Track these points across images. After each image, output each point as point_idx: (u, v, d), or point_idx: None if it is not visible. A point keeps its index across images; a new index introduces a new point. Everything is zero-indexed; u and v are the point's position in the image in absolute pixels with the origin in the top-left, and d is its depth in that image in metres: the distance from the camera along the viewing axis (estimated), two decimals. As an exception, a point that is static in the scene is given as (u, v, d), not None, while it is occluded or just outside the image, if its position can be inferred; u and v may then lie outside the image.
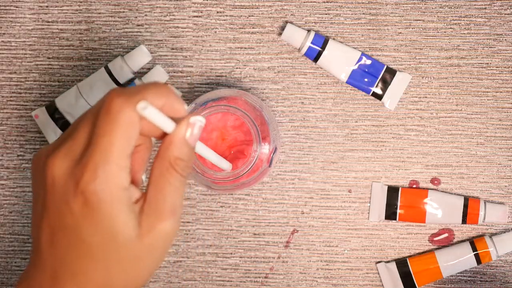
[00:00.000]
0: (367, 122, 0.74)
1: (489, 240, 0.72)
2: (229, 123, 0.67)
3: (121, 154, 0.49)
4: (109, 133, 0.49)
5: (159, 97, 0.50)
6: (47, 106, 0.74)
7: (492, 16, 0.73)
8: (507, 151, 0.74)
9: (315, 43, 0.72)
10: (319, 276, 0.74)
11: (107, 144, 0.49)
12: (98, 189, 0.49)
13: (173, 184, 0.51)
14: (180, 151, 0.51)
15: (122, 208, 0.50)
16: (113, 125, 0.49)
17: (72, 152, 0.50)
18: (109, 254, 0.50)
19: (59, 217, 0.50)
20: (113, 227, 0.50)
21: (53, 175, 0.50)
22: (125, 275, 0.52)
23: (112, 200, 0.49)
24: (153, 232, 0.51)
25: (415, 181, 0.74)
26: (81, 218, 0.50)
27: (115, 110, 0.49)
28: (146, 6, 0.74)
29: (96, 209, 0.49)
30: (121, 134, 0.49)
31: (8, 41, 0.75)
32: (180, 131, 0.51)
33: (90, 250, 0.50)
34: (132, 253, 0.51)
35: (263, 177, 0.67)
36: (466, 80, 0.74)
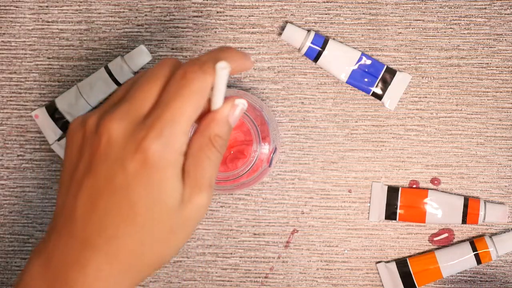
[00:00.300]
0: (367, 122, 0.74)
1: (489, 240, 0.72)
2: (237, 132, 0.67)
3: (188, 120, 0.50)
4: (181, 97, 0.50)
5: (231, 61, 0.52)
6: (47, 106, 0.74)
7: (492, 16, 0.73)
8: (507, 151, 0.74)
9: (315, 43, 0.72)
10: (319, 276, 0.74)
11: (179, 108, 0.50)
12: (161, 149, 0.49)
13: (211, 159, 0.52)
14: (220, 129, 0.53)
15: (175, 173, 0.50)
16: (186, 91, 0.50)
17: (133, 113, 0.51)
18: (149, 220, 0.50)
19: (109, 177, 0.50)
20: (162, 191, 0.50)
21: (110, 135, 0.50)
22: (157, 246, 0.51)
23: (170, 163, 0.50)
24: (190, 203, 0.51)
25: (415, 181, 0.74)
26: (133, 177, 0.49)
27: (189, 77, 0.50)
28: (146, 6, 0.74)
29: (151, 170, 0.49)
30: (192, 100, 0.50)
31: (8, 41, 0.75)
32: (225, 110, 0.53)
33: (134, 213, 0.50)
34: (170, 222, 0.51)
35: (263, 177, 0.67)
36: (466, 80, 0.74)
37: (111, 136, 0.50)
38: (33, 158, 0.75)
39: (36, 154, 0.75)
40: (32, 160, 0.75)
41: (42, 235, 0.75)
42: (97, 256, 0.50)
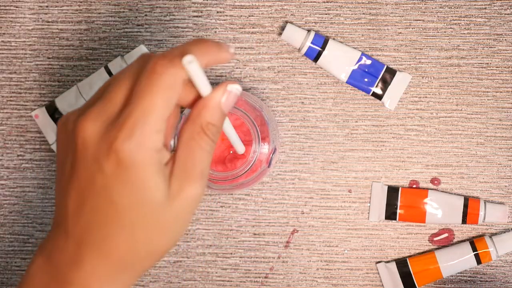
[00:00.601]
0: (367, 122, 0.74)
1: (489, 240, 0.72)
2: None
3: (160, 117, 0.49)
4: (150, 94, 0.48)
5: (203, 54, 0.50)
6: (47, 106, 0.74)
7: (492, 16, 0.73)
8: (507, 151, 0.74)
9: (315, 43, 0.72)
10: (319, 276, 0.74)
11: (148, 105, 0.48)
12: (133, 149, 0.48)
13: (204, 148, 0.51)
14: (213, 116, 0.51)
15: (154, 170, 0.49)
16: (155, 86, 0.48)
17: (105, 112, 0.50)
18: (137, 218, 0.50)
19: (90, 178, 0.50)
20: (144, 189, 0.49)
21: (84, 136, 0.50)
22: (151, 241, 0.51)
23: (145, 161, 0.49)
24: (181, 195, 0.50)
25: (415, 181, 0.74)
26: (112, 178, 0.49)
27: (159, 72, 0.48)
28: (146, 6, 0.74)
29: (128, 170, 0.49)
30: (162, 96, 0.48)
31: (8, 41, 0.75)
32: (216, 96, 0.51)
33: (119, 213, 0.49)
34: (160, 218, 0.50)
35: (262, 178, 0.67)
36: (466, 80, 0.74)
37: (85, 137, 0.50)
38: (33, 158, 0.75)
39: (36, 154, 0.75)
40: (32, 160, 0.75)
41: (42, 235, 0.75)
42: (91, 255, 0.50)
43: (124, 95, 0.50)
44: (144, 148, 0.49)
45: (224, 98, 0.51)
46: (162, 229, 0.51)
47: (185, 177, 0.50)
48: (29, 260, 0.75)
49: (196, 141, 0.51)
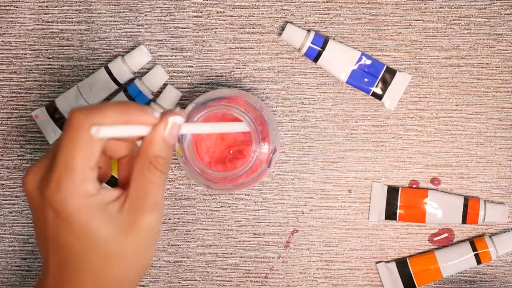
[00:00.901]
0: (367, 122, 0.74)
1: (489, 240, 0.72)
2: None
3: (83, 166, 0.52)
4: (70, 147, 0.52)
5: (118, 115, 0.52)
6: (47, 106, 0.74)
7: (492, 16, 0.73)
8: (507, 151, 0.74)
9: (315, 43, 0.72)
10: (319, 276, 0.74)
11: (68, 158, 0.52)
12: (64, 199, 0.51)
13: (154, 181, 0.53)
14: (159, 150, 0.53)
15: (93, 213, 0.52)
16: (73, 140, 0.52)
17: (41, 168, 0.54)
18: (93, 258, 0.52)
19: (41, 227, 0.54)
20: (88, 232, 0.52)
21: (27, 190, 0.54)
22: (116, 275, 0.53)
23: (80, 208, 0.52)
24: (136, 227, 0.53)
25: (415, 181, 0.74)
26: (56, 228, 0.52)
27: (76, 126, 0.52)
28: (146, 6, 0.74)
29: (67, 218, 0.52)
30: (81, 148, 0.51)
31: (8, 41, 0.75)
32: (159, 131, 0.53)
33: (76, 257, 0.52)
34: (119, 251, 0.52)
35: (262, 178, 0.67)
36: (466, 80, 0.74)
37: (28, 191, 0.54)
38: (33, 158, 0.75)
39: (36, 154, 0.75)
40: (32, 160, 0.75)
41: (42, 235, 0.75)
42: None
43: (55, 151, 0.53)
44: (74, 196, 0.52)
45: (167, 131, 0.53)
46: (125, 261, 0.53)
47: (137, 211, 0.53)
48: (29, 260, 0.75)
49: (146, 175, 0.53)
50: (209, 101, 0.65)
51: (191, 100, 0.74)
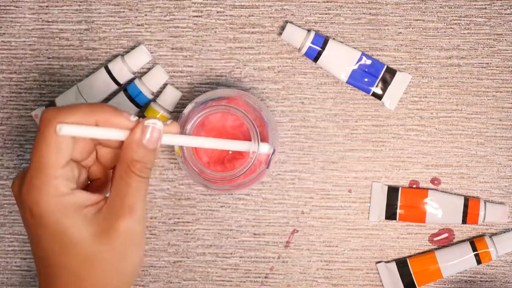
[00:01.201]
0: (367, 122, 0.74)
1: (489, 240, 0.72)
2: (228, 123, 0.67)
3: (53, 164, 0.52)
4: (39, 147, 0.52)
5: (89, 115, 0.53)
6: (47, 106, 0.74)
7: (492, 16, 0.73)
8: (507, 151, 0.74)
9: (315, 43, 0.72)
10: (319, 276, 0.74)
11: (38, 157, 0.52)
12: (35, 198, 0.52)
13: (131, 185, 0.53)
14: (136, 154, 0.53)
15: (66, 213, 0.52)
16: (42, 140, 0.52)
17: (22, 173, 0.55)
18: (72, 262, 0.52)
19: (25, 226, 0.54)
20: (64, 234, 0.52)
21: (13, 193, 0.55)
22: (96, 281, 0.53)
23: (51, 207, 0.52)
24: (112, 230, 0.52)
25: (415, 181, 0.74)
26: (34, 228, 0.53)
27: (43, 125, 0.52)
28: (146, 6, 0.74)
29: (41, 218, 0.52)
30: (50, 146, 0.52)
31: (8, 41, 0.75)
32: (136, 135, 0.53)
33: (55, 262, 0.53)
34: (94, 255, 0.52)
35: (261, 178, 0.67)
36: (466, 80, 0.74)
37: (13, 193, 0.55)
38: (33, 158, 0.75)
39: (36, 154, 0.75)
40: (32, 160, 0.75)
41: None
42: None
43: None
44: (44, 194, 0.52)
45: (144, 135, 0.53)
46: (104, 266, 0.53)
47: (114, 214, 0.53)
48: (29, 260, 0.75)
49: (123, 179, 0.53)
50: (208, 101, 0.65)
51: (191, 100, 0.74)
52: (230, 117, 0.66)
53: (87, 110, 0.53)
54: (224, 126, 0.66)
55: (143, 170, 0.53)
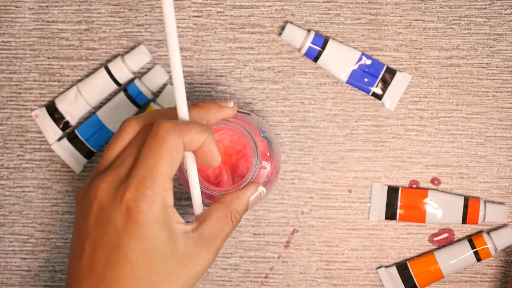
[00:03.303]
0: (367, 122, 0.74)
1: (487, 237, 0.72)
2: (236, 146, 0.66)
3: (166, 176, 0.53)
4: (155, 155, 0.52)
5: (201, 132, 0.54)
6: (47, 106, 0.74)
7: (492, 16, 0.73)
8: (507, 151, 0.74)
9: (315, 43, 0.72)
10: (319, 276, 0.74)
11: (153, 165, 0.52)
12: (140, 204, 0.52)
13: (226, 231, 0.57)
14: (241, 207, 0.58)
15: (164, 227, 0.53)
16: (159, 148, 0.52)
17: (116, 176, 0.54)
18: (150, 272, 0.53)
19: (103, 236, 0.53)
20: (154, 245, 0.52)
21: (98, 198, 0.53)
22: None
23: (154, 218, 0.52)
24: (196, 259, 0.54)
25: (415, 181, 0.74)
26: (124, 234, 0.52)
27: (162, 134, 0.52)
28: (146, 6, 0.74)
29: (138, 225, 0.52)
30: (166, 156, 0.52)
31: (8, 41, 0.75)
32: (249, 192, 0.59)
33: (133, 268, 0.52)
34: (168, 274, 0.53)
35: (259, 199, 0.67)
36: (466, 80, 0.74)
37: (98, 198, 0.53)
38: (33, 158, 0.75)
39: (36, 154, 0.75)
40: (32, 160, 0.75)
41: (42, 235, 0.75)
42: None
43: (132, 160, 0.54)
44: (153, 204, 0.52)
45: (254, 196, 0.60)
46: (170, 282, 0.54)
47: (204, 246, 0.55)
48: (29, 260, 0.75)
49: (222, 222, 0.57)
50: None
51: (191, 100, 0.74)
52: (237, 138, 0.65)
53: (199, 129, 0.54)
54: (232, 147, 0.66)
55: (239, 220, 0.58)
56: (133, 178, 0.52)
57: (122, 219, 0.52)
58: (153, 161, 0.52)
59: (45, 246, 0.75)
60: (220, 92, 0.74)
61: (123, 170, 0.54)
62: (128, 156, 0.54)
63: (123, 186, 0.52)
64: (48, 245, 0.75)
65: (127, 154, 0.54)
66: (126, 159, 0.54)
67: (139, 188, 0.52)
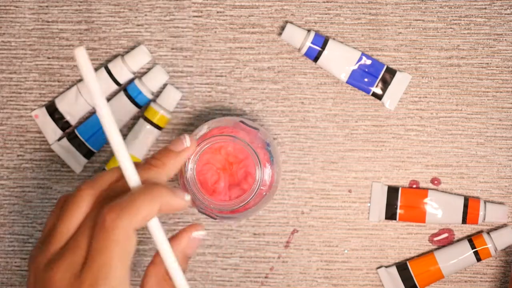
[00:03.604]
0: (367, 122, 0.74)
1: (487, 237, 0.72)
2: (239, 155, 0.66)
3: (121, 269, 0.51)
4: (105, 250, 0.50)
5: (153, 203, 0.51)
6: (47, 106, 0.74)
7: (492, 16, 0.73)
8: (507, 151, 0.74)
9: (315, 43, 0.72)
10: (319, 276, 0.74)
11: (105, 261, 0.50)
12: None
13: None
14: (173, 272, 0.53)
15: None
16: (109, 242, 0.50)
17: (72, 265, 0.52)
18: None
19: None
20: None
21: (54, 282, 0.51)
22: None
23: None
24: None
25: (415, 181, 0.74)
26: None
27: (109, 227, 0.50)
28: (146, 6, 0.74)
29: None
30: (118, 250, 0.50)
31: (8, 41, 0.75)
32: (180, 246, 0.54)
33: None
34: None
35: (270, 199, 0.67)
36: (466, 80, 0.74)
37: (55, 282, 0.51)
38: (33, 158, 0.75)
39: (36, 154, 0.75)
40: (32, 160, 0.75)
41: (42, 235, 0.75)
42: None
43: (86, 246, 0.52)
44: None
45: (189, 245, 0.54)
46: None
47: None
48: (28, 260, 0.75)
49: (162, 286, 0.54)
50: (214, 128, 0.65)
51: (191, 100, 0.74)
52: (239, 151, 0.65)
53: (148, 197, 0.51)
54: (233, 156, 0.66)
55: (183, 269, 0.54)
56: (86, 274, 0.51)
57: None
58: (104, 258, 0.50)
59: (45, 246, 0.75)
60: (220, 92, 0.74)
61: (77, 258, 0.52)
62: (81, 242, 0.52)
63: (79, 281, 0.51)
64: (48, 245, 0.75)
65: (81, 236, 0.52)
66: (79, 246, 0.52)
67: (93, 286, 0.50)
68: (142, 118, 0.73)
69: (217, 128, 0.65)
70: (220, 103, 0.74)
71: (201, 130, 0.66)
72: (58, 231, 0.53)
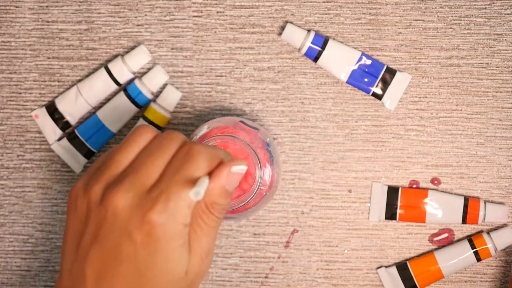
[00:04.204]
0: (367, 122, 0.74)
1: (487, 237, 0.72)
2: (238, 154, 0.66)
3: None
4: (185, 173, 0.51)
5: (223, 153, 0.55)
6: (47, 106, 0.74)
7: (492, 16, 0.73)
8: (507, 151, 0.74)
9: (315, 43, 0.72)
10: (319, 276, 0.74)
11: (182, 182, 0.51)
12: (165, 221, 0.51)
13: (210, 225, 0.54)
14: (218, 197, 0.54)
15: (180, 244, 0.52)
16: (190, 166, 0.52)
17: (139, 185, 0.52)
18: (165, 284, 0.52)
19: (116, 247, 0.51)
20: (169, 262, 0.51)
21: (115, 206, 0.51)
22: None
23: (174, 235, 0.51)
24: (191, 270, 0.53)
25: (415, 181, 0.74)
26: (141, 248, 0.51)
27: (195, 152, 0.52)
28: (146, 6, 0.74)
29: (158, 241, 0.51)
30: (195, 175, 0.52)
31: (8, 41, 0.75)
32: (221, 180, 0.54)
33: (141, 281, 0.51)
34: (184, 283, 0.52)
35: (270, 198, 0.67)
36: (466, 80, 0.74)
37: (117, 207, 0.51)
38: (33, 158, 0.75)
39: (36, 154, 0.75)
40: (32, 160, 0.75)
41: (42, 235, 0.75)
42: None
43: (159, 170, 0.52)
44: (175, 221, 0.51)
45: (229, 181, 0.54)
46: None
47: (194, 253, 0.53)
48: (29, 260, 0.75)
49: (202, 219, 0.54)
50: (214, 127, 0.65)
51: (191, 100, 0.74)
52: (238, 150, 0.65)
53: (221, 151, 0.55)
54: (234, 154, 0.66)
55: (222, 211, 0.54)
56: (162, 193, 0.51)
57: (142, 233, 0.51)
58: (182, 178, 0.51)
59: (45, 246, 0.75)
60: (220, 92, 0.74)
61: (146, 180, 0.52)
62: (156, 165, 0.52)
63: (149, 200, 0.51)
64: (48, 245, 0.75)
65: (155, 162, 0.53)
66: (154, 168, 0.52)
67: (167, 205, 0.51)
68: (142, 118, 0.73)
69: (217, 128, 0.65)
70: (220, 103, 0.74)
71: (201, 130, 0.66)
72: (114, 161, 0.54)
